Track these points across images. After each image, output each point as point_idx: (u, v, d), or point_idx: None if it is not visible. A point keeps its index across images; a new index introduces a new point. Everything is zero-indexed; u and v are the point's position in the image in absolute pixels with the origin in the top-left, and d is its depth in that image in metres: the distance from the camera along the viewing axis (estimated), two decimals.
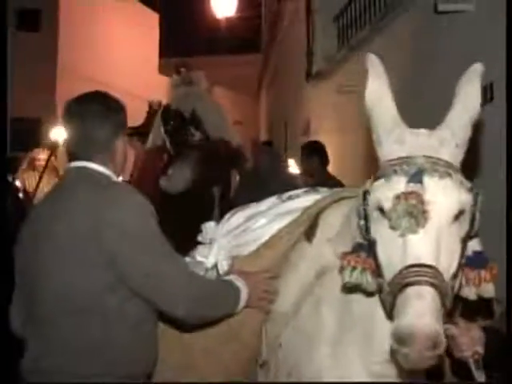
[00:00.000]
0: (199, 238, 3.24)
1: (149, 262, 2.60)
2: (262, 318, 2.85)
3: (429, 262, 2.15)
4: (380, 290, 2.31)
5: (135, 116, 5.97)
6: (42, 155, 9.37)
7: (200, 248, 3.20)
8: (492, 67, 6.82)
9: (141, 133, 7.49)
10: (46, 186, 7.85)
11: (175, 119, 6.22)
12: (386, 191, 2.26)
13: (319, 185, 6.95)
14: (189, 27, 25.30)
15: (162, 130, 6.17)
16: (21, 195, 7.77)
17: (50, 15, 22.57)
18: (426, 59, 8.19)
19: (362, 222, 2.33)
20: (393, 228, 2.21)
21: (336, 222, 2.75)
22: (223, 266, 3.00)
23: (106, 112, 2.82)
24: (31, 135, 20.51)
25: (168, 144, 6.08)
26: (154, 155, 6.20)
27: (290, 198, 3.14)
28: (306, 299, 2.73)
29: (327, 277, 2.68)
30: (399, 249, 2.20)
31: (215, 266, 3.06)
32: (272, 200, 3.19)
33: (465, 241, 2.32)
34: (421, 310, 2.06)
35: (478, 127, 2.59)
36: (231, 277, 2.81)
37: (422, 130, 2.44)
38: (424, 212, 2.18)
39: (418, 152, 2.32)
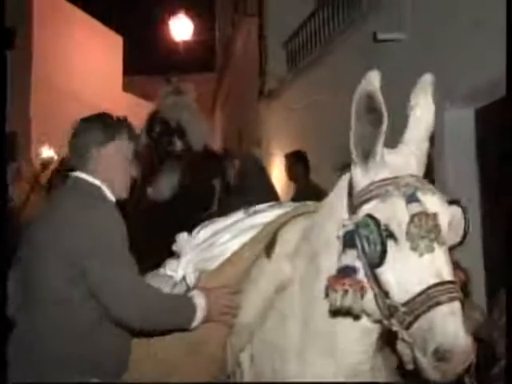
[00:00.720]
0: (173, 248, 3.10)
1: (102, 267, 2.57)
2: (226, 331, 2.71)
3: (450, 278, 2.07)
4: (388, 312, 2.12)
5: None
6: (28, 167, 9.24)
7: (169, 262, 3.08)
8: None
9: None
10: (36, 198, 7.68)
11: (161, 126, 6.04)
12: (392, 213, 2.10)
13: (303, 189, 6.96)
14: (150, 49, 25.16)
15: (145, 136, 5.94)
16: None
17: (24, 36, 22.24)
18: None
19: (378, 248, 2.06)
20: (413, 249, 2.06)
21: (294, 237, 2.64)
22: (191, 280, 2.87)
23: (89, 123, 2.83)
24: (10, 148, 20.34)
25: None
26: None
27: (255, 212, 2.98)
28: (270, 313, 2.63)
29: (287, 292, 2.57)
30: (417, 269, 2.06)
31: (183, 279, 2.92)
32: (239, 214, 3.03)
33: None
34: (458, 327, 2.00)
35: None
36: (192, 293, 2.70)
37: (396, 150, 2.33)
38: (440, 230, 2.09)
39: (402, 172, 2.20)
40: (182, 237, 3.07)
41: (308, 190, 6.79)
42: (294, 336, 2.51)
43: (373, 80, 2.19)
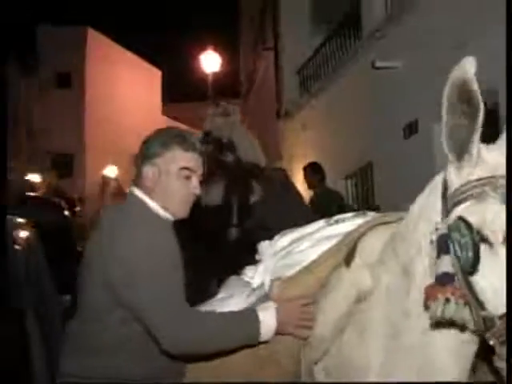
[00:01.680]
0: (256, 257, 2.54)
1: (138, 298, 2.04)
2: (300, 343, 2.17)
3: None
4: (484, 325, 1.66)
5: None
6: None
7: (247, 268, 2.54)
8: (416, 107, 7.12)
9: None
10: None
11: (214, 144, 6.06)
12: (486, 216, 1.65)
13: (320, 194, 6.84)
14: (184, 80, 25.37)
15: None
16: (66, 213, 6.90)
17: (79, 75, 22.60)
18: (367, 103, 8.44)
19: (470, 254, 1.65)
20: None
21: (375, 246, 2.14)
22: (268, 287, 2.31)
23: (147, 139, 2.23)
24: (68, 166, 20.73)
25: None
26: None
27: (336, 221, 2.45)
28: (347, 326, 2.10)
29: (368, 303, 2.07)
30: None
31: (261, 285, 2.37)
32: (319, 223, 2.48)
33: None
34: None
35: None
36: (261, 306, 2.16)
37: (493, 146, 1.78)
38: None
39: (500, 171, 1.71)
40: (264, 245, 2.55)
41: (324, 195, 6.86)
42: (374, 351, 2.02)
43: (468, 68, 1.66)
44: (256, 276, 2.41)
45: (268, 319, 2.12)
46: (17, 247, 2.29)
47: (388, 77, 7.59)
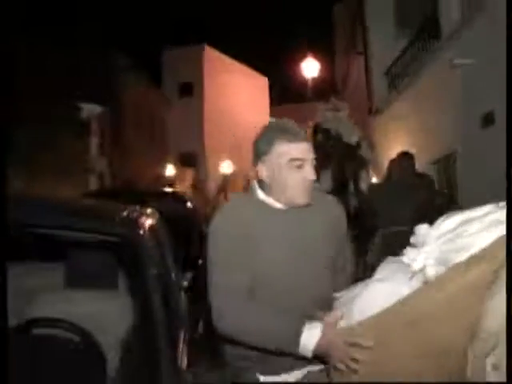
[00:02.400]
0: (411, 240, 2.04)
1: (210, 274, 1.96)
2: (467, 337, 1.73)
3: None
4: None
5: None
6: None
7: (409, 250, 2.01)
8: (492, 99, 7.01)
9: None
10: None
11: (323, 134, 6.15)
12: None
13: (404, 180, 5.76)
14: (286, 85, 25.68)
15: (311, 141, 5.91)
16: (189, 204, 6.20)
17: (198, 85, 23.50)
18: (447, 97, 8.37)
19: None
20: None
21: None
22: (431, 272, 1.88)
23: (254, 142, 2.07)
24: (192, 163, 21.70)
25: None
26: None
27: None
28: None
29: None
30: None
31: (422, 269, 1.91)
32: (489, 206, 1.94)
33: None
34: None
35: None
36: (308, 326, 1.81)
37: None
38: None
39: None
40: (422, 228, 2.02)
41: (413, 179, 6.36)
42: None
43: None
44: (418, 259, 1.93)
45: (307, 344, 1.79)
46: (141, 233, 2.21)
47: (465, 73, 7.52)
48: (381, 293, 1.84)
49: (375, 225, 5.20)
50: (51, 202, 2.29)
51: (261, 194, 2.06)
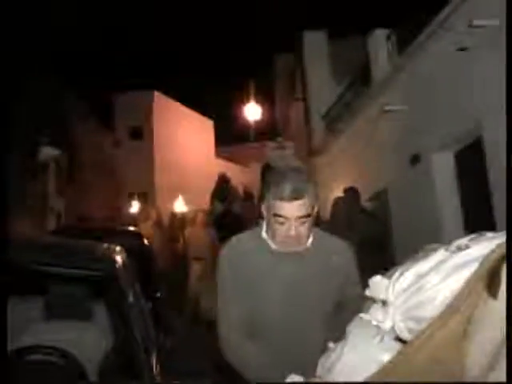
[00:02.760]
0: (366, 293, 1.83)
1: (218, 300, 2.07)
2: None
3: None
4: None
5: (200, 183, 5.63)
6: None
7: (374, 310, 1.82)
8: (419, 141, 7.29)
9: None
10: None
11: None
12: None
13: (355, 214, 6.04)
14: (231, 126, 25.97)
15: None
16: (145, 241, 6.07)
17: (148, 129, 23.45)
18: (379, 139, 8.73)
19: None
20: None
21: None
22: (401, 329, 1.69)
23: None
24: (144, 201, 21.53)
25: None
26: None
27: (458, 248, 1.73)
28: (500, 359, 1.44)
29: None
30: None
31: (392, 328, 1.72)
32: (440, 253, 1.75)
33: None
34: None
35: None
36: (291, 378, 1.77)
37: None
38: None
39: None
40: (377, 280, 1.82)
41: (360, 214, 6.28)
42: None
43: None
44: (387, 319, 1.73)
45: None
46: (117, 267, 2.34)
47: (395, 118, 7.80)
48: (359, 362, 1.74)
49: None
50: (38, 242, 2.45)
51: (263, 232, 2.07)
